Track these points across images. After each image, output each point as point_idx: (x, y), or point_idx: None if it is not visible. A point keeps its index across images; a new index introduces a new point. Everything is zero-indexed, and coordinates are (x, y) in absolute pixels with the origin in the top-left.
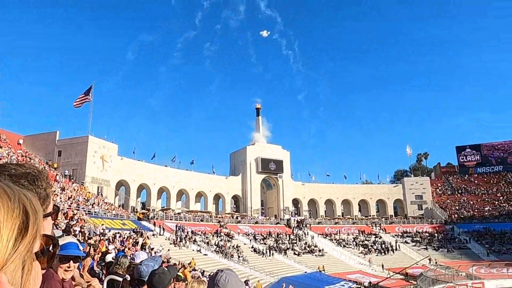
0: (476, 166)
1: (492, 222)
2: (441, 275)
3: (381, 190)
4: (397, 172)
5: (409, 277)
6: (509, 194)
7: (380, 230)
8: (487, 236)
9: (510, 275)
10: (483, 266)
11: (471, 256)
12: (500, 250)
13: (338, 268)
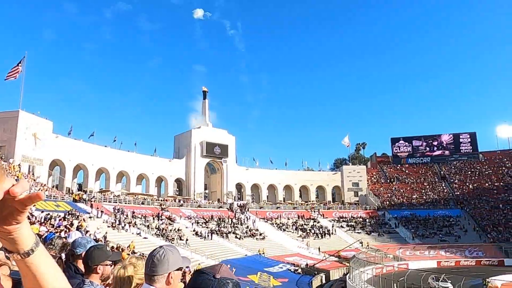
0: (407, 157)
1: (418, 209)
2: (372, 257)
3: (321, 177)
4: (337, 160)
5: (342, 259)
6: (434, 184)
7: (319, 215)
8: (414, 222)
9: (431, 257)
10: (409, 249)
11: (398, 240)
12: (423, 234)
13: (278, 251)
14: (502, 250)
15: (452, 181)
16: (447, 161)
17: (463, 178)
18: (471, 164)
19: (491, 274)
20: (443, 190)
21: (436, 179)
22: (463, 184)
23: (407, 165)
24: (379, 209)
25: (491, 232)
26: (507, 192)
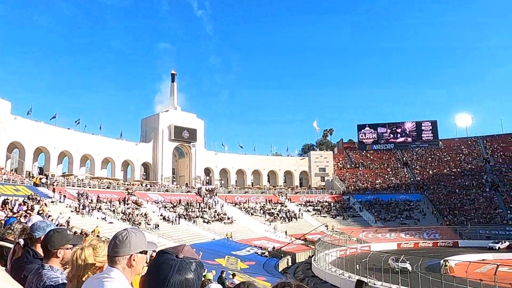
0: (372, 144)
1: (381, 193)
2: (336, 240)
3: (289, 162)
4: (305, 146)
5: (308, 242)
6: (397, 169)
7: (286, 200)
8: (377, 206)
9: (392, 239)
10: (371, 231)
11: (362, 223)
12: (385, 217)
13: (245, 235)
14: (457, 232)
15: (414, 167)
16: (410, 148)
17: (423, 164)
18: (432, 151)
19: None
20: (405, 175)
21: (399, 165)
22: (423, 170)
23: (372, 151)
24: (344, 194)
25: (447, 216)
26: (463, 178)
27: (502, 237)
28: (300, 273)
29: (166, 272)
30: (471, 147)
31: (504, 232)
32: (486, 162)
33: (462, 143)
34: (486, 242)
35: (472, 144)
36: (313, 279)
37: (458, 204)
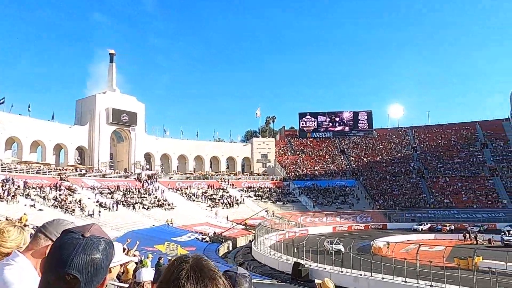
0: (312, 131)
1: (319, 179)
2: (276, 224)
3: (232, 148)
4: (248, 132)
5: (249, 227)
6: (335, 157)
7: (228, 185)
8: (315, 191)
9: (328, 223)
10: (309, 216)
11: (301, 208)
12: (323, 202)
13: (186, 220)
14: (386, 215)
15: (350, 154)
16: (347, 136)
17: (359, 152)
18: (366, 140)
19: (376, 237)
20: (342, 162)
21: (336, 152)
22: (358, 157)
23: (312, 139)
24: (285, 180)
25: (378, 200)
26: (393, 165)
27: (425, 219)
28: (240, 257)
29: (69, 252)
30: (401, 136)
31: (426, 215)
32: (414, 151)
33: (393, 133)
34: (411, 224)
35: (402, 134)
36: (253, 263)
37: (388, 190)
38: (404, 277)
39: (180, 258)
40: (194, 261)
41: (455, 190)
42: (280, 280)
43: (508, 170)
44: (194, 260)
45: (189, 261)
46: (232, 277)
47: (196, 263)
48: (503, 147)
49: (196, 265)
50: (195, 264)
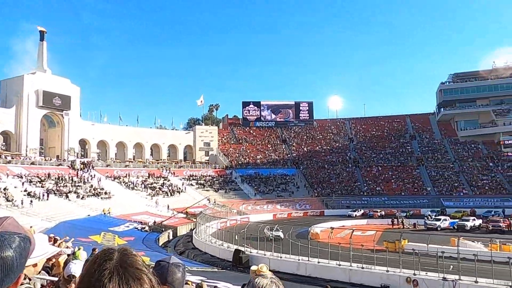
0: (255, 121)
1: (261, 168)
2: (218, 212)
3: (174, 136)
4: (190, 120)
5: (190, 216)
6: (276, 146)
7: (170, 174)
8: (257, 180)
9: (269, 210)
10: (251, 204)
11: (243, 196)
12: (264, 190)
13: (125, 210)
14: (323, 202)
15: (291, 144)
16: (288, 126)
17: (300, 142)
18: (307, 130)
19: (314, 223)
20: (283, 151)
21: (278, 141)
22: (299, 147)
23: (255, 128)
24: (227, 168)
25: (317, 188)
26: (331, 155)
27: (359, 206)
28: (181, 245)
29: None
30: (339, 127)
31: (360, 202)
32: (351, 141)
33: (332, 124)
34: (346, 211)
35: (340, 125)
36: (193, 251)
37: (326, 178)
38: (339, 260)
39: (103, 255)
40: (119, 259)
41: (386, 179)
42: (220, 267)
43: (432, 160)
44: (119, 258)
45: (113, 258)
46: (165, 266)
47: (121, 261)
48: (428, 139)
49: (120, 264)
50: (119, 263)
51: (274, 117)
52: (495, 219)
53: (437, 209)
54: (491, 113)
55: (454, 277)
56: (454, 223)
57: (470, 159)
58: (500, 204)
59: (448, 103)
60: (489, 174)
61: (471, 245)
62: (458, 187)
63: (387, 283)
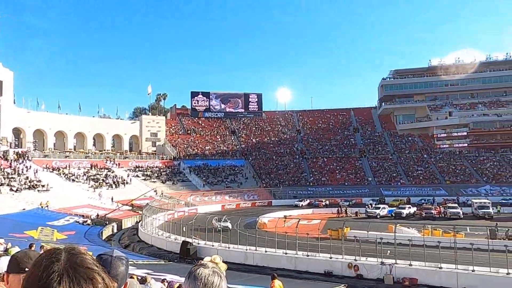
0: (204, 111)
1: (210, 159)
2: (165, 204)
3: (118, 125)
4: (136, 109)
5: (136, 208)
6: (225, 137)
7: (114, 165)
8: (205, 171)
9: (217, 201)
10: (199, 195)
11: (191, 187)
12: (212, 181)
13: (65, 203)
14: (271, 193)
15: (240, 135)
16: (238, 117)
17: (248, 133)
18: (256, 121)
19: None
20: (232, 142)
21: (227, 132)
22: (248, 138)
23: (204, 119)
24: (175, 159)
25: (265, 179)
26: (279, 146)
27: (305, 196)
28: (126, 239)
29: None
30: (287, 119)
31: (306, 192)
32: (298, 133)
33: (280, 116)
34: (293, 201)
35: (288, 117)
36: (139, 244)
37: (274, 169)
38: (285, 249)
39: (49, 257)
40: (67, 259)
41: (331, 169)
42: (167, 259)
43: (373, 152)
44: (66, 258)
45: (60, 259)
46: (107, 260)
47: (69, 262)
48: (370, 131)
49: (70, 265)
50: (69, 264)
51: (224, 107)
52: (428, 207)
53: (377, 198)
54: (426, 108)
55: (391, 261)
56: (392, 211)
57: (407, 151)
58: (432, 193)
59: (389, 98)
60: (423, 165)
61: (407, 231)
62: (396, 177)
63: (330, 269)
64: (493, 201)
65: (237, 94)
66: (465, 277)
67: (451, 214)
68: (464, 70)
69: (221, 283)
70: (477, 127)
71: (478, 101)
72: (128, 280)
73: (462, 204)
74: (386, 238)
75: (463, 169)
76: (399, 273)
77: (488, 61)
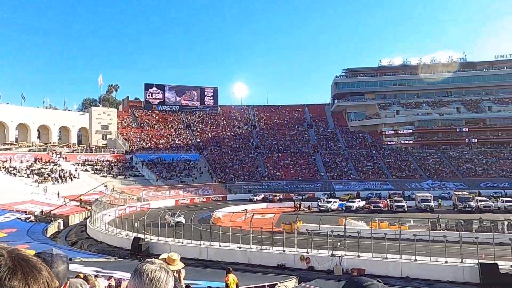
0: (158, 104)
1: (164, 153)
2: (116, 199)
3: (66, 117)
4: (86, 101)
5: (84, 203)
6: (180, 131)
7: (61, 158)
8: (159, 165)
9: (171, 196)
10: (152, 190)
11: (144, 182)
12: (166, 176)
13: (6, 199)
14: (226, 188)
15: (195, 129)
16: (193, 111)
17: (204, 127)
18: (212, 116)
19: (216, 208)
20: (187, 136)
21: (182, 126)
22: (203, 133)
23: (158, 112)
24: (127, 153)
25: (220, 174)
26: (235, 141)
27: (260, 190)
28: (73, 236)
29: None
30: (243, 114)
31: (261, 186)
32: (254, 128)
33: (236, 111)
34: (248, 195)
35: (244, 111)
36: (88, 241)
37: (229, 164)
38: (239, 243)
39: None
40: (11, 256)
41: (285, 164)
42: (118, 256)
43: (326, 147)
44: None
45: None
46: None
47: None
48: (323, 128)
49: (15, 262)
50: (14, 261)
51: (179, 100)
52: (375, 200)
53: (329, 192)
54: (376, 107)
55: (341, 253)
56: (343, 204)
57: (357, 147)
58: (380, 187)
59: (341, 95)
60: (372, 161)
61: (356, 224)
62: (347, 173)
63: (283, 262)
64: (435, 195)
65: (192, 88)
66: (408, 266)
67: (397, 207)
68: (410, 71)
69: (167, 279)
70: (421, 125)
71: (423, 100)
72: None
73: (407, 198)
74: (336, 231)
75: (408, 164)
76: (348, 264)
77: (432, 64)
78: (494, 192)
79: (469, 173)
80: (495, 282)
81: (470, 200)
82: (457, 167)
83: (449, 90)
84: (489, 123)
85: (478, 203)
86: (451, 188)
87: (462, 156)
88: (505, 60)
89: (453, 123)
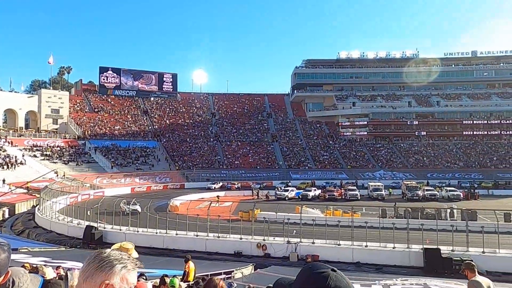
0: (114, 89)
1: (119, 140)
2: (67, 187)
3: (12, 99)
4: (35, 82)
5: (33, 191)
6: (137, 117)
7: (6, 143)
8: (114, 152)
9: (126, 184)
10: (106, 177)
11: (97, 169)
12: (122, 163)
13: None
14: (184, 176)
15: (153, 115)
16: (151, 97)
17: (162, 114)
18: (170, 102)
19: (174, 196)
20: (144, 123)
21: (139, 112)
22: (161, 119)
23: (113, 97)
24: (80, 139)
25: (178, 161)
26: (194, 129)
27: (218, 179)
28: (20, 224)
29: None
30: (203, 101)
31: (220, 174)
32: (213, 116)
33: (196, 98)
34: (206, 184)
35: (204, 99)
36: (36, 230)
37: (188, 151)
38: (196, 231)
39: None
40: None
41: (244, 153)
42: (69, 246)
43: (285, 137)
44: None
45: None
46: None
47: None
48: (283, 117)
49: None
50: None
51: (136, 84)
52: (331, 189)
53: (286, 181)
54: (334, 98)
55: (296, 240)
56: (299, 193)
57: (315, 137)
58: (335, 177)
59: (300, 86)
60: (328, 151)
61: (311, 212)
62: (304, 162)
63: (240, 250)
64: (386, 184)
65: (150, 73)
66: (359, 252)
67: (350, 196)
68: (367, 65)
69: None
70: (375, 117)
71: (377, 93)
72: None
73: (360, 187)
74: (293, 219)
75: (362, 155)
76: (303, 250)
77: (387, 58)
78: (439, 182)
79: (417, 164)
80: (437, 265)
81: (417, 189)
82: (407, 158)
83: (402, 85)
84: (437, 117)
85: (425, 192)
86: (401, 178)
87: (412, 148)
88: (453, 58)
89: (404, 116)
